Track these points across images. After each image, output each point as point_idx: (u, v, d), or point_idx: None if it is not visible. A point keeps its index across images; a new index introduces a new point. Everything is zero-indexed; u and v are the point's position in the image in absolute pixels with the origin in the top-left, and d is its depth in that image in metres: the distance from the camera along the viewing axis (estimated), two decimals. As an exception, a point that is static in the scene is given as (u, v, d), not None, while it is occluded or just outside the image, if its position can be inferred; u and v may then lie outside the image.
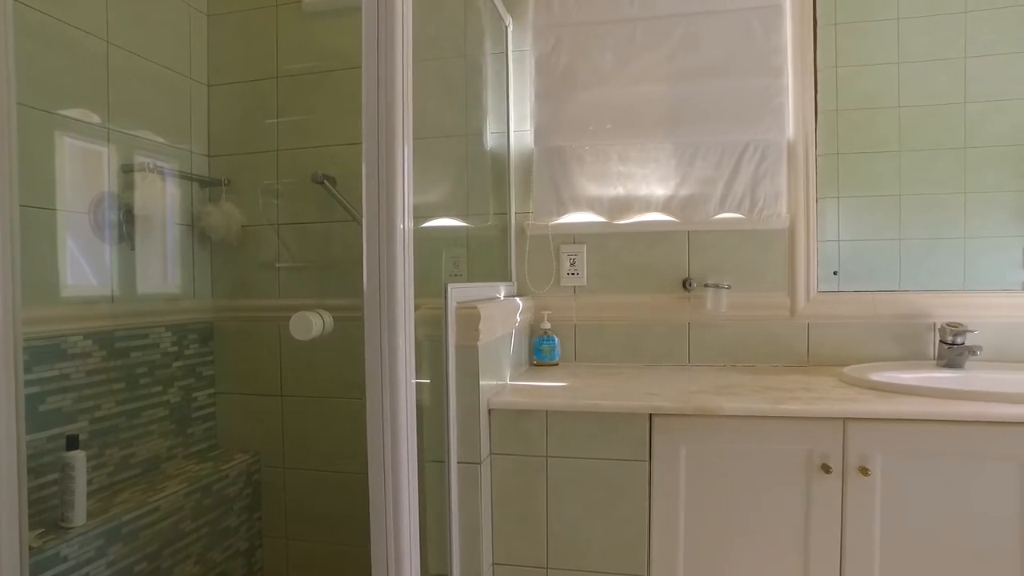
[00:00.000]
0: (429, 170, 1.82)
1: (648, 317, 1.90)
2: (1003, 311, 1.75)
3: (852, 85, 1.86)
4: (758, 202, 1.81)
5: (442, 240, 1.87)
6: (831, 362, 1.80)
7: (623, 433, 1.41)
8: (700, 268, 1.88)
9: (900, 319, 1.79)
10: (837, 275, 1.85)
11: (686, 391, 1.50)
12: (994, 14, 1.80)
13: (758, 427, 1.36)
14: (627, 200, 1.88)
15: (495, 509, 1.47)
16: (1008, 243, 1.81)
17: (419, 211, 1.75)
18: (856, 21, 1.85)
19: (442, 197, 1.90)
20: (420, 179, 1.76)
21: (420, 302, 1.43)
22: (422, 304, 1.41)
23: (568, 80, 1.90)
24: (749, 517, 1.38)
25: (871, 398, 1.39)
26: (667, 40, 1.85)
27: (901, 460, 1.32)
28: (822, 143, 1.85)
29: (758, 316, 1.85)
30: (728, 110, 1.81)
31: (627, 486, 1.41)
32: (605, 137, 1.88)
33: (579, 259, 1.94)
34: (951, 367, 1.65)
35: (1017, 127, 1.79)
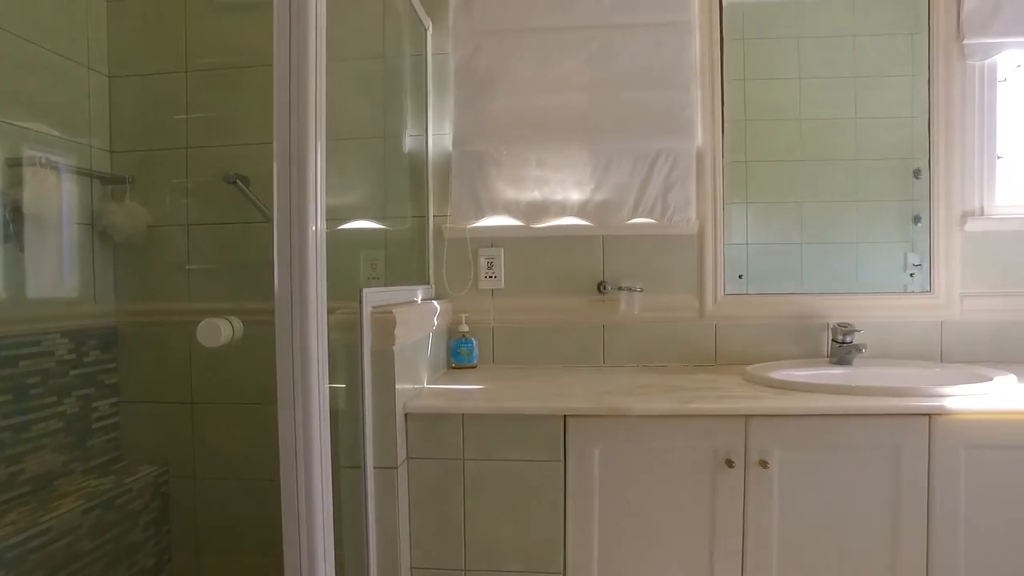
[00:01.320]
0: (346, 171, 1.79)
1: (564, 319, 1.94)
2: (886, 311, 1.89)
3: (759, 97, 1.96)
4: (669, 208, 1.88)
5: (360, 242, 1.85)
6: (737, 361, 1.89)
7: (538, 435, 1.43)
8: (614, 271, 1.93)
9: (798, 319, 1.91)
10: (742, 278, 1.94)
11: (599, 392, 1.54)
12: (880, 39, 1.95)
13: (667, 426, 1.42)
14: (544, 204, 1.91)
15: (413, 513, 1.47)
16: (892, 248, 1.96)
17: (336, 213, 1.73)
18: (762, 38, 1.96)
19: (360, 199, 1.87)
20: (336, 180, 1.74)
21: (336, 306, 1.41)
22: (338, 308, 1.39)
23: (487, 85, 1.91)
24: (660, 512, 1.44)
25: (771, 395, 1.48)
26: (583, 50, 1.89)
27: (796, 452, 1.41)
28: (730, 151, 1.95)
29: (669, 318, 1.92)
30: (641, 119, 1.87)
31: (543, 487, 1.44)
32: (523, 142, 1.90)
33: (496, 262, 1.96)
34: (841, 364, 1.77)
35: (899, 142, 1.94)
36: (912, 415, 1.39)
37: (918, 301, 1.91)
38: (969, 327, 1.90)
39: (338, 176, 1.74)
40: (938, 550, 1.40)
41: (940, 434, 1.39)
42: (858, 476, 1.41)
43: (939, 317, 1.90)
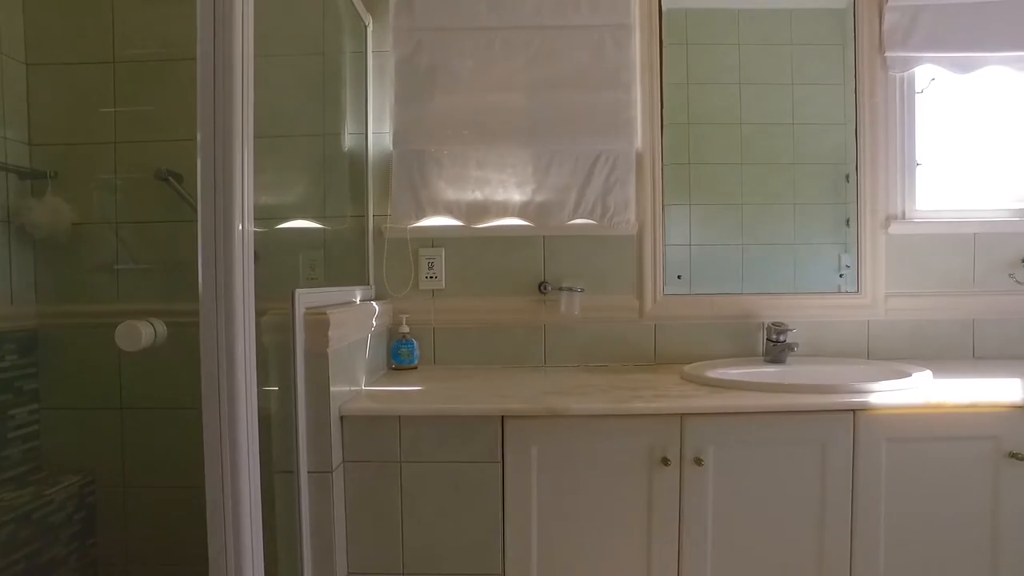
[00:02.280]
0: (281, 169, 1.75)
1: (505, 320, 1.94)
2: (818, 311, 1.96)
3: (701, 101, 2.00)
4: (609, 209, 1.90)
5: (298, 242, 1.81)
6: (676, 360, 1.93)
7: (476, 436, 1.43)
8: (555, 272, 1.94)
9: (736, 319, 1.95)
10: (681, 279, 1.98)
11: (538, 392, 1.55)
12: (814, 49, 2.02)
13: (604, 425, 1.43)
14: (485, 205, 1.90)
15: (349, 517, 1.44)
16: (827, 249, 2.03)
17: (271, 212, 1.69)
18: (705, 44, 2.00)
19: (297, 198, 1.83)
20: (270, 178, 1.69)
21: (270, 307, 1.37)
22: (272, 309, 1.36)
23: (428, 84, 1.90)
24: (597, 511, 1.45)
25: (706, 394, 1.51)
26: (525, 50, 1.90)
27: (730, 449, 1.44)
28: (674, 154, 1.98)
29: (609, 318, 1.94)
30: (582, 120, 1.89)
31: (481, 488, 1.43)
32: (464, 142, 1.89)
33: (437, 262, 1.94)
34: (775, 362, 1.82)
35: (834, 148, 2.01)
36: (839, 411, 1.45)
37: (847, 301, 1.98)
38: (893, 326, 1.98)
39: (272, 174, 1.70)
40: (861, 538, 1.46)
41: (864, 428, 1.45)
42: (788, 471, 1.45)
43: (866, 316, 1.98)
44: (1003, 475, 1.47)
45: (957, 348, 2.00)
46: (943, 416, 1.46)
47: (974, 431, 1.47)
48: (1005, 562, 1.47)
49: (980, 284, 2.00)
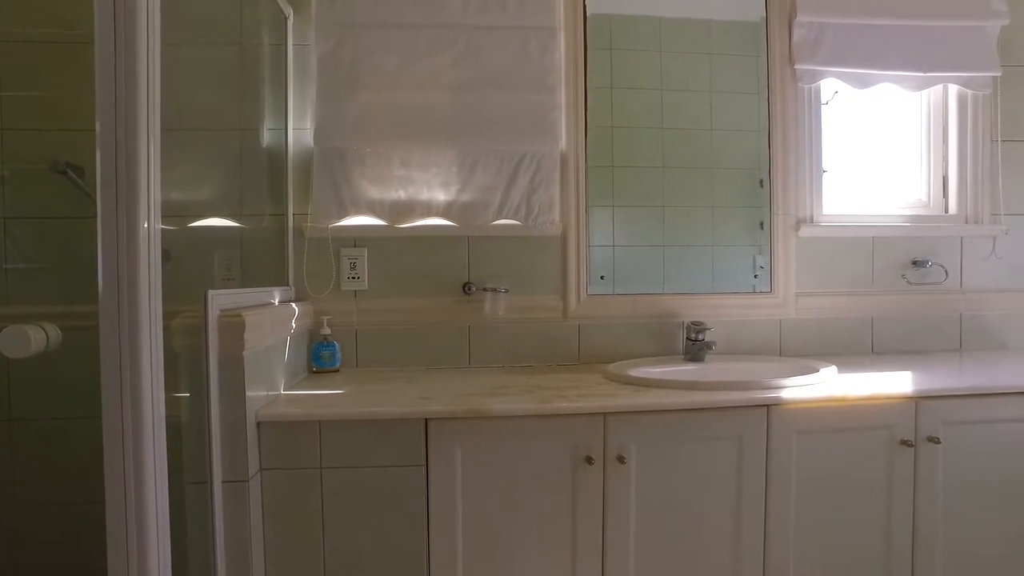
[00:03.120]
0: (195, 164, 1.67)
1: (430, 321, 1.92)
2: (734, 310, 2.04)
3: (625, 105, 2.04)
4: (533, 210, 1.91)
5: (213, 241, 1.72)
6: (599, 359, 1.95)
7: (399, 439, 1.40)
8: (480, 272, 1.93)
9: (657, 318, 2.00)
10: (604, 279, 2.01)
11: (462, 394, 1.53)
12: (731, 59, 2.09)
13: (528, 426, 1.43)
14: (408, 204, 1.88)
15: (267, 528, 1.39)
16: (743, 251, 2.11)
17: (185, 209, 1.61)
18: (629, 49, 2.04)
19: (212, 195, 1.75)
20: (182, 173, 1.61)
21: (182, 309, 1.30)
22: (183, 311, 1.29)
23: (351, 80, 1.85)
24: (523, 512, 1.45)
25: (628, 393, 1.54)
26: (450, 49, 1.88)
27: (651, 446, 1.48)
28: (598, 156, 2.01)
29: (534, 318, 1.95)
30: (507, 121, 1.89)
31: (405, 492, 1.41)
32: (387, 140, 1.86)
33: (360, 263, 1.90)
34: (694, 360, 1.88)
35: (749, 154, 2.09)
36: (754, 407, 1.51)
37: (761, 301, 2.06)
38: (803, 324, 2.09)
39: (184, 169, 1.61)
40: (774, 525, 1.53)
41: (776, 422, 1.52)
42: (707, 465, 1.50)
43: (778, 315, 2.07)
44: (896, 460, 1.58)
45: (858, 344, 2.12)
46: (846, 408, 1.55)
47: (872, 421, 1.57)
48: (896, 537, 1.59)
49: (878, 284, 2.14)
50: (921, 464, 1.59)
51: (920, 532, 1.59)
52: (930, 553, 1.60)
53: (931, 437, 1.58)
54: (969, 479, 1.62)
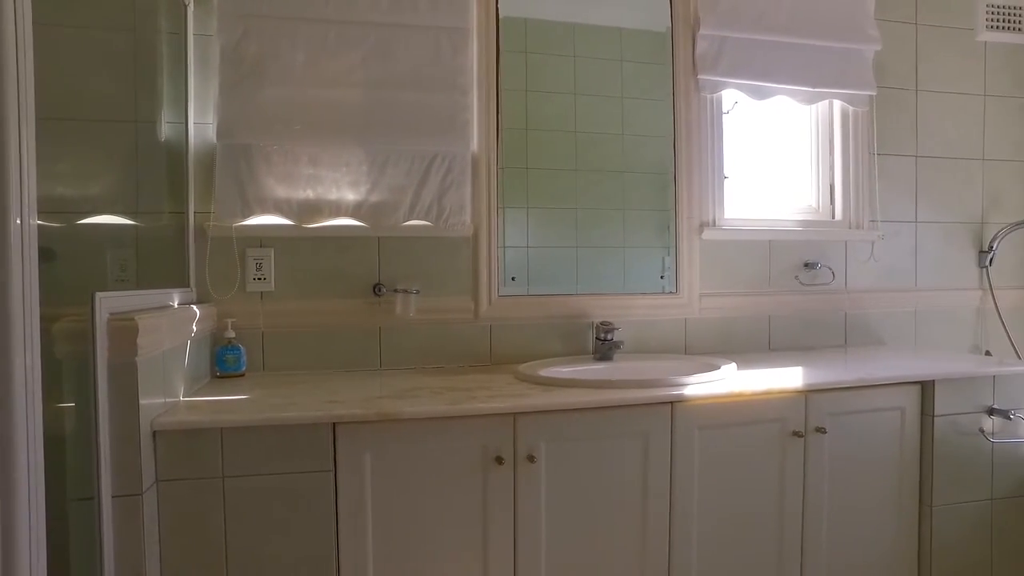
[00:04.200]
0: (83, 157, 1.57)
1: (340, 323, 1.88)
2: (642, 310, 2.11)
3: (539, 108, 2.06)
4: (445, 210, 1.90)
5: (105, 240, 1.62)
6: (511, 360, 1.97)
7: (306, 445, 1.36)
8: (390, 273, 1.91)
9: (568, 319, 2.04)
10: (516, 280, 2.03)
11: (371, 396, 1.51)
12: (641, 66, 2.16)
13: (438, 428, 1.43)
14: (317, 204, 1.83)
15: (164, 543, 1.32)
16: (652, 253, 2.18)
17: (72, 205, 1.51)
18: (543, 53, 2.07)
19: (103, 190, 1.65)
20: (68, 167, 1.51)
21: (67, 312, 1.23)
22: (69, 315, 1.21)
23: (256, 75, 1.79)
24: (434, 514, 1.44)
25: (538, 392, 1.56)
26: (361, 46, 1.85)
27: (561, 445, 1.51)
28: (511, 158, 2.03)
29: (445, 319, 1.95)
30: (418, 120, 1.88)
31: (312, 499, 1.37)
32: (295, 137, 1.81)
33: (266, 263, 1.84)
34: (603, 360, 1.93)
35: (657, 159, 2.17)
36: (658, 404, 1.56)
37: (667, 301, 2.15)
38: (706, 323, 2.18)
39: (69, 162, 1.52)
40: (678, 519, 1.59)
41: (680, 419, 1.58)
42: (614, 462, 1.54)
43: (683, 315, 2.16)
44: (788, 450, 1.68)
45: (757, 341, 2.25)
46: (744, 403, 1.64)
47: (767, 415, 1.67)
48: (788, 520, 1.70)
49: (774, 285, 2.27)
50: (810, 453, 1.70)
51: (809, 514, 1.71)
52: (817, 532, 1.72)
53: (818, 427, 1.70)
54: (850, 463, 1.75)
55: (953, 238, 2.51)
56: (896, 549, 1.81)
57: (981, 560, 1.87)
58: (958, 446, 1.84)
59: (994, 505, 1.88)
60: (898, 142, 2.43)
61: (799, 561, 1.70)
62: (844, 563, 1.75)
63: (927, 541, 1.82)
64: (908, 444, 1.81)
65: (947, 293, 2.49)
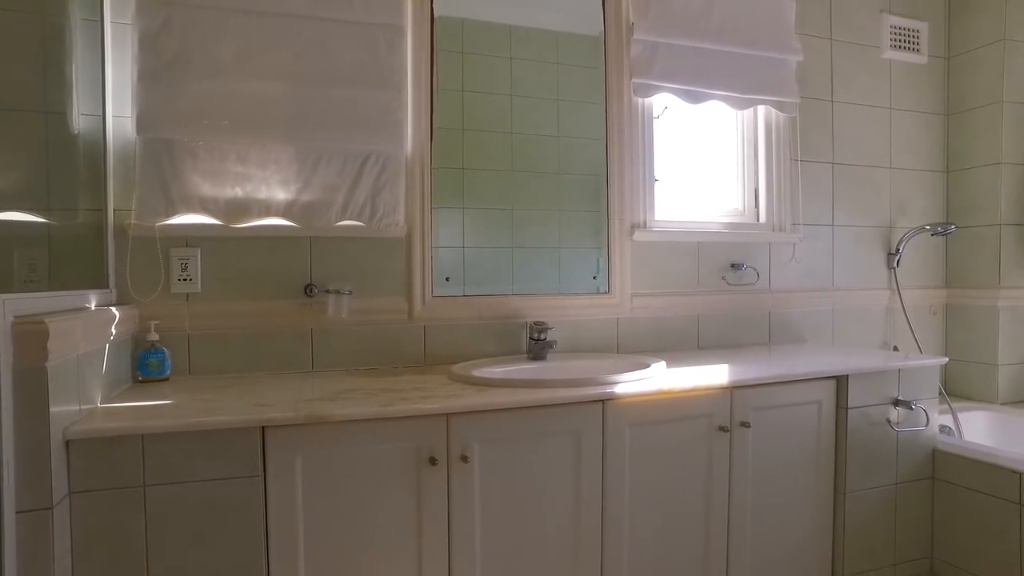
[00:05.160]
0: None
1: (270, 324, 1.83)
2: (576, 310, 2.14)
3: (476, 109, 2.06)
4: (378, 211, 1.88)
5: (11, 239, 1.53)
6: (445, 361, 1.97)
7: (233, 450, 1.33)
8: (322, 274, 1.88)
9: (502, 319, 2.05)
10: (450, 280, 2.02)
11: (303, 399, 1.48)
12: (578, 70, 2.19)
13: (371, 429, 1.42)
14: (246, 203, 1.78)
15: (77, 559, 1.25)
16: (587, 253, 2.22)
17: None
18: (480, 53, 2.07)
19: (9, 186, 1.55)
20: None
21: (-31, 315, 1.15)
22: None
23: (180, 66, 1.72)
24: (368, 517, 1.43)
25: (471, 392, 1.56)
26: (293, 41, 1.81)
27: (494, 445, 1.52)
28: (449, 158, 2.02)
29: (379, 320, 1.93)
30: (351, 119, 1.85)
31: (241, 506, 1.34)
32: (222, 134, 1.75)
33: (192, 264, 1.77)
34: (537, 359, 1.96)
35: (592, 161, 2.20)
36: (590, 402, 1.59)
37: (600, 301, 2.19)
38: (637, 322, 2.24)
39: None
40: (610, 515, 1.63)
41: (611, 417, 1.62)
42: (547, 460, 1.57)
43: (615, 315, 2.21)
44: (715, 445, 1.75)
45: (686, 340, 2.32)
46: (672, 400, 1.69)
47: (695, 411, 1.73)
48: (715, 512, 1.76)
49: (702, 285, 2.35)
50: (735, 446, 1.77)
51: (734, 504, 1.78)
52: (742, 521, 1.79)
53: (743, 422, 1.77)
54: (772, 455, 1.83)
55: (865, 241, 2.66)
56: (813, 533, 1.91)
57: (887, 539, 2.00)
58: (868, 436, 1.96)
59: (898, 489, 2.02)
60: (817, 149, 2.56)
61: (725, 549, 1.77)
62: (766, 549, 1.83)
63: (840, 525, 1.93)
64: (824, 435, 1.91)
65: (860, 292, 2.64)
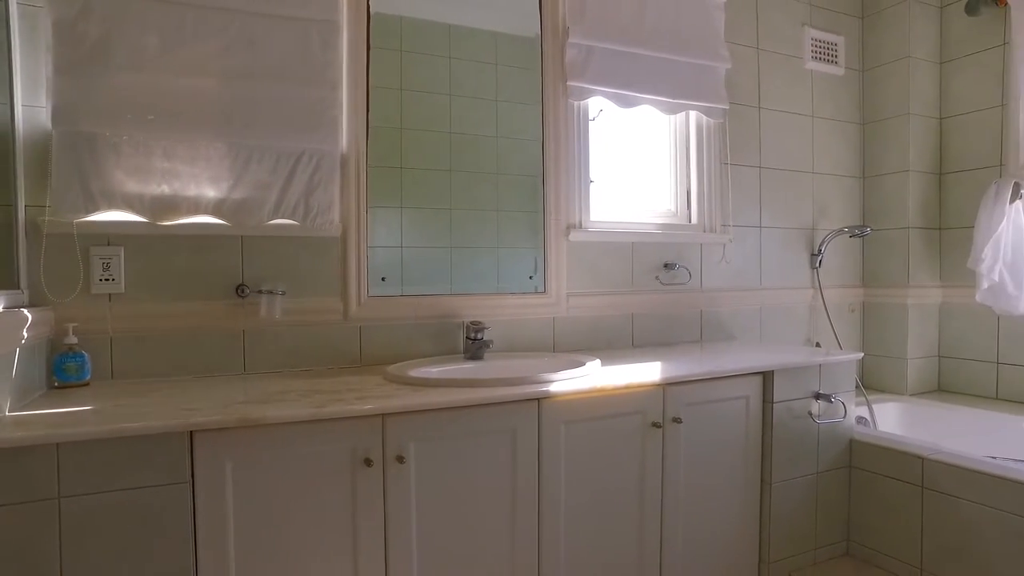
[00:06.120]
0: None
1: (199, 326, 1.77)
2: (513, 310, 2.16)
3: (414, 108, 2.05)
4: (312, 210, 1.85)
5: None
6: (381, 361, 1.96)
7: (159, 456, 1.28)
8: (255, 274, 1.83)
9: (439, 319, 2.05)
10: (386, 280, 2.00)
11: (234, 402, 1.44)
12: (516, 71, 2.21)
13: (305, 431, 1.39)
14: (173, 200, 1.71)
15: (-18, 579, 1.18)
16: (525, 253, 2.24)
17: None
18: (419, 52, 2.05)
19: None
20: None
21: None
22: None
23: (101, 56, 1.64)
24: (302, 521, 1.41)
25: (407, 393, 1.55)
26: (222, 35, 1.75)
27: (430, 445, 1.51)
28: (387, 157, 2.00)
29: (313, 321, 1.89)
30: (284, 116, 1.81)
31: (166, 515, 1.29)
32: (148, 128, 1.68)
33: (115, 263, 1.69)
34: (473, 359, 1.96)
35: (529, 161, 2.22)
36: (525, 401, 1.61)
37: (536, 300, 2.21)
38: (573, 322, 2.28)
39: None
40: (546, 511, 1.65)
41: (546, 414, 1.64)
42: (484, 459, 1.57)
43: (552, 314, 2.24)
44: (648, 441, 1.80)
45: (621, 338, 2.37)
46: (607, 397, 1.73)
47: (629, 407, 1.77)
48: (648, 505, 1.81)
49: (636, 284, 2.41)
50: (668, 441, 1.83)
51: (667, 497, 1.84)
52: (675, 513, 1.85)
53: (675, 418, 1.83)
54: (703, 449, 1.90)
55: (790, 242, 2.78)
56: (741, 522, 1.99)
57: (808, 525, 2.11)
58: (792, 428, 2.05)
59: (819, 478, 2.12)
60: (745, 154, 2.66)
61: (659, 540, 1.83)
62: (698, 538, 1.90)
63: (767, 513, 2.02)
64: (752, 428, 1.99)
65: (786, 292, 2.76)
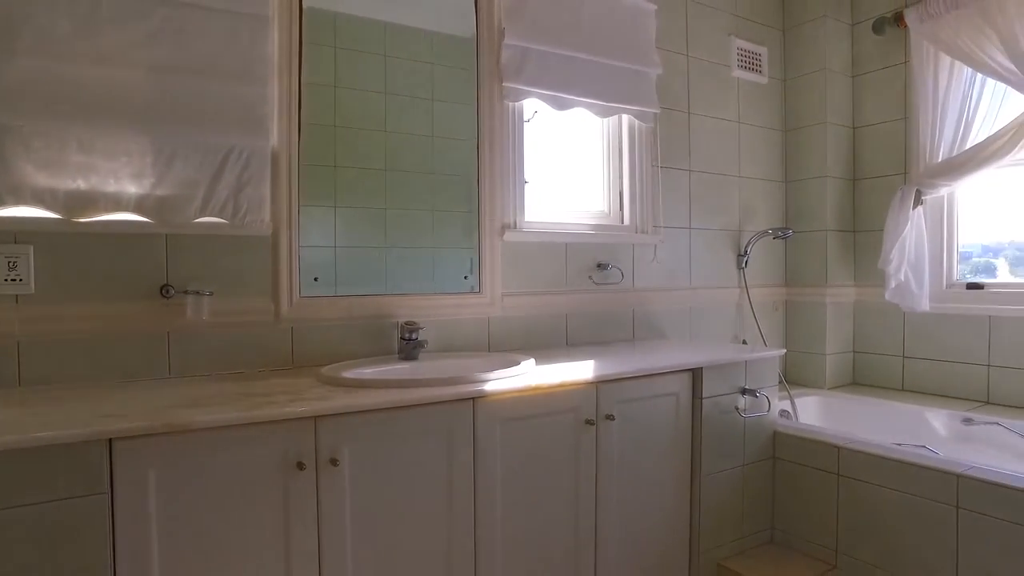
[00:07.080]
0: None
1: (120, 328, 1.69)
2: (448, 310, 2.16)
3: (349, 106, 2.01)
4: (241, 208, 1.79)
5: None
6: (315, 362, 1.92)
7: (73, 467, 1.20)
8: (181, 273, 1.76)
9: (373, 319, 2.03)
10: (319, 280, 1.96)
11: (158, 407, 1.38)
12: (452, 71, 2.20)
13: (234, 436, 1.35)
14: (91, 196, 1.62)
15: None
16: (460, 253, 2.24)
17: None
18: (353, 49, 2.02)
19: None
20: None
21: None
22: None
23: (3, 40, 1.53)
24: (232, 530, 1.36)
25: (341, 394, 1.53)
26: (144, 23, 1.67)
27: (365, 447, 1.50)
28: (320, 155, 1.96)
29: (243, 322, 1.84)
30: (212, 111, 1.75)
31: (82, 530, 1.21)
32: (61, 119, 1.59)
33: (23, 262, 1.58)
34: (408, 359, 1.95)
35: (465, 161, 2.22)
36: (460, 400, 1.61)
37: (471, 300, 2.22)
38: (508, 321, 2.29)
39: None
40: (482, 510, 1.66)
41: (482, 414, 1.65)
42: (419, 460, 1.57)
43: (487, 314, 2.25)
44: (582, 438, 1.83)
45: (555, 337, 2.41)
46: (541, 396, 1.75)
47: (563, 405, 1.80)
48: (583, 502, 1.85)
49: (570, 284, 2.45)
50: (601, 438, 1.87)
51: (601, 493, 1.88)
52: (608, 508, 1.89)
53: (608, 415, 1.87)
54: (635, 445, 1.95)
55: (718, 243, 2.89)
56: (673, 514, 2.05)
57: (736, 515, 2.20)
58: (720, 423, 2.13)
59: (745, 469, 2.22)
60: (675, 157, 2.74)
61: (594, 534, 1.86)
62: (632, 531, 1.95)
63: (697, 504, 2.10)
64: (682, 424, 2.06)
65: (714, 291, 2.86)
